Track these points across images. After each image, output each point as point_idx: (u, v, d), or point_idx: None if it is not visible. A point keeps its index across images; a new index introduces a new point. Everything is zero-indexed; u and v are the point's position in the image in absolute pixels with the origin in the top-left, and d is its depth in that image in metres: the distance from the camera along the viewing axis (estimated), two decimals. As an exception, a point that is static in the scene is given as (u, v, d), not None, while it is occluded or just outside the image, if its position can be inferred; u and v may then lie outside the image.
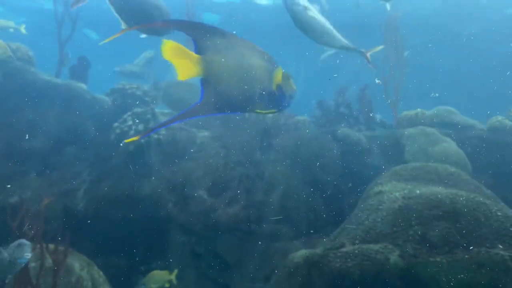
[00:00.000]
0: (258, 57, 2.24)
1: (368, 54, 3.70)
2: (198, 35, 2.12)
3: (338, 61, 11.16)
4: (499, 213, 3.13)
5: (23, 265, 3.26)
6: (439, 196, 3.41)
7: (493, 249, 2.91)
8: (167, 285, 4.79)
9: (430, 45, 13.91)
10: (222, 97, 2.17)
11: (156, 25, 2.28)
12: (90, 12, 13.22)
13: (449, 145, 5.18)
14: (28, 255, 3.21)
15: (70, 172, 5.62)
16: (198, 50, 2.12)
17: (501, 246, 2.93)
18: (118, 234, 5.36)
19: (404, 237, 3.20)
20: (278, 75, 2.27)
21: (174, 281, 4.78)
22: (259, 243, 5.27)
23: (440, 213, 3.21)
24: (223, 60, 2.13)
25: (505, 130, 5.65)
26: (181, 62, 2.07)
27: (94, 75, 7.31)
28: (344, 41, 3.54)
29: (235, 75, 2.17)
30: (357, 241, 3.49)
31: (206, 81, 2.13)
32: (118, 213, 5.45)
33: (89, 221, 5.30)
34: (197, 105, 2.16)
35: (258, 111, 2.29)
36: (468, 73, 18.25)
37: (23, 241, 3.26)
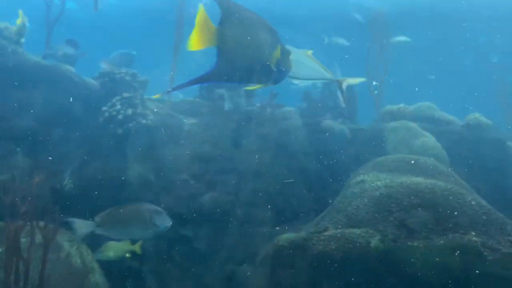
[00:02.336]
0: (266, 32, 2.47)
1: (344, 84, 3.42)
2: (224, 5, 2.37)
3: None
4: (473, 202, 3.36)
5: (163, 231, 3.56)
6: (419, 185, 3.62)
7: (466, 235, 3.12)
8: (128, 255, 4.67)
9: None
10: (232, 66, 2.39)
11: None
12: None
13: (429, 139, 5.42)
14: (169, 223, 3.62)
15: (57, 153, 5.65)
16: (221, 20, 2.35)
17: (473, 233, 3.14)
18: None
19: (384, 223, 3.39)
20: (277, 51, 2.49)
21: (138, 251, 4.61)
22: (244, 227, 5.43)
23: (419, 202, 3.41)
24: (235, 32, 2.37)
25: (481, 127, 5.93)
26: (202, 31, 2.29)
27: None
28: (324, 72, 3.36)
29: (244, 47, 2.40)
30: (340, 226, 3.67)
31: (220, 50, 2.35)
32: (105, 194, 5.52)
33: (76, 201, 5.36)
34: (211, 71, 2.37)
35: (259, 85, 2.56)
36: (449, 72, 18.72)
37: (162, 210, 3.62)
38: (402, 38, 10.37)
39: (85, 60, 7.45)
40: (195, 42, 2.28)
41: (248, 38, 2.40)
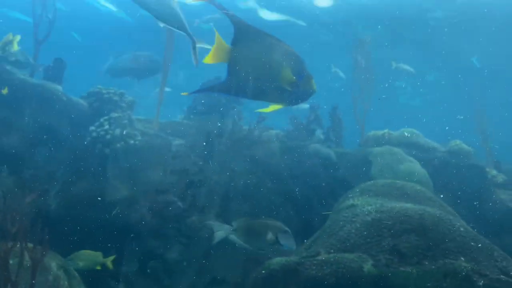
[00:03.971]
0: (280, 55, 2.71)
1: (197, 45, 3.51)
2: (238, 26, 2.66)
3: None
4: (461, 229, 3.47)
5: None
6: (409, 211, 3.72)
7: (456, 261, 3.22)
8: (98, 267, 4.68)
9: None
10: (240, 83, 2.67)
11: (210, 2, 2.69)
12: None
13: (414, 165, 5.58)
14: (293, 246, 3.71)
15: (43, 172, 5.57)
16: (234, 39, 2.68)
17: (463, 259, 3.24)
18: (90, 236, 5.36)
19: (377, 248, 3.46)
20: (286, 75, 2.69)
21: (110, 266, 4.68)
22: (232, 250, 5.42)
23: (410, 227, 3.51)
24: (246, 52, 2.66)
25: (462, 153, 6.14)
26: (218, 50, 2.64)
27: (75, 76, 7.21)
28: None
29: (253, 67, 2.68)
30: (332, 250, 3.72)
31: (230, 67, 2.67)
32: (91, 215, 5.45)
33: (61, 222, 5.27)
34: (220, 83, 2.71)
35: (275, 105, 2.81)
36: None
37: (289, 231, 3.70)
38: (407, 67, 10.79)
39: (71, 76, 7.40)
40: (209, 57, 2.63)
41: (258, 58, 2.70)
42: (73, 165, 5.73)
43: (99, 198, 5.51)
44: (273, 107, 2.82)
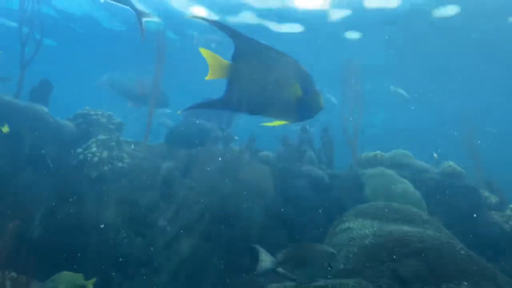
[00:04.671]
0: (286, 69, 2.63)
1: (143, 20, 3.48)
2: (238, 41, 2.59)
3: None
4: (462, 252, 3.38)
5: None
6: (408, 234, 3.62)
7: (459, 286, 3.12)
8: None
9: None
10: (239, 99, 2.61)
11: (207, 21, 2.65)
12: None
13: (407, 186, 5.52)
14: (340, 266, 3.30)
15: (27, 197, 5.37)
16: (234, 54, 2.60)
17: (466, 283, 3.15)
18: (76, 263, 5.14)
19: (377, 273, 3.35)
20: (296, 89, 2.61)
21: None
22: (224, 275, 5.25)
23: (410, 251, 3.41)
24: (248, 68, 2.59)
25: (455, 175, 6.11)
26: (213, 66, 2.58)
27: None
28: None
29: (256, 83, 2.60)
30: (329, 276, 3.59)
31: (230, 82, 2.59)
32: (76, 241, 5.24)
33: (45, 248, 5.05)
34: (218, 99, 2.60)
35: (280, 121, 2.71)
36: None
37: (334, 252, 3.27)
38: (402, 91, 10.98)
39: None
40: (209, 74, 2.58)
41: (261, 73, 2.62)
42: (59, 188, 5.55)
43: (86, 223, 5.32)
44: (277, 122, 2.73)
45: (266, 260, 3.37)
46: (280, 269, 3.40)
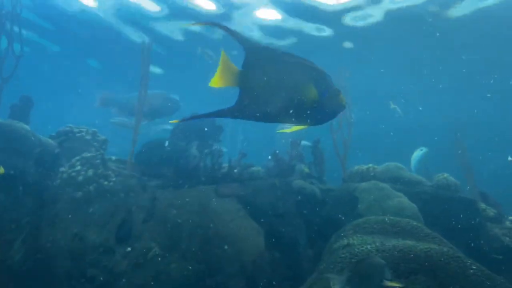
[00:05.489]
0: (299, 72, 2.49)
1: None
2: (248, 48, 2.48)
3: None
4: (473, 267, 3.23)
5: None
6: (413, 249, 3.46)
7: (472, 304, 2.96)
8: None
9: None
10: (252, 107, 2.50)
11: (216, 25, 2.51)
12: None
13: (403, 200, 5.38)
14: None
15: (6, 220, 5.06)
16: (244, 62, 2.50)
17: (478, 300, 2.99)
18: (58, 290, 4.84)
19: (384, 291, 3.16)
20: (311, 91, 2.48)
21: None
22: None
23: (417, 267, 3.24)
24: (261, 74, 2.48)
25: (450, 187, 6.01)
26: (224, 72, 2.46)
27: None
28: None
29: (270, 89, 2.48)
30: (334, 296, 3.39)
31: (241, 90, 2.50)
32: (60, 265, 4.95)
33: (26, 276, 4.75)
34: (230, 108, 2.49)
35: (298, 126, 2.61)
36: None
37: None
38: (399, 110, 11.34)
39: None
40: (216, 80, 2.45)
41: (275, 78, 2.44)
42: (40, 210, 5.25)
43: (70, 246, 5.03)
44: (296, 127, 2.58)
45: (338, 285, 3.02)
46: None
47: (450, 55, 12.85)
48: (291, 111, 2.52)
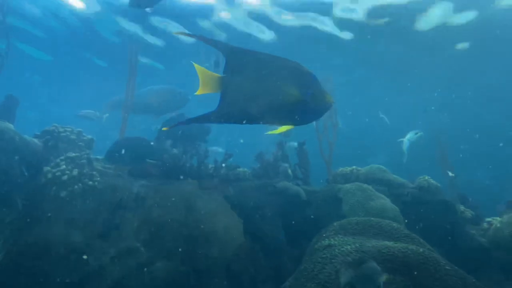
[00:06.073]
0: (281, 73, 2.56)
1: None
2: (228, 53, 2.56)
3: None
4: (447, 267, 3.33)
5: None
6: (391, 249, 3.55)
7: (446, 302, 3.06)
8: None
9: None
10: (235, 111, 2.57)
11: (194, 37, 2.59)
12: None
13: (385, 201, 5.49)
14: None
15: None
16: (225, 67, 2.58)
17: (452, 299, 3.09)
18: (42, 290, 4.84)
19: (361, 291, 3.24)
20: (290, 93, 2.55)
21: None
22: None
23: (394, 267, 3.33)
24: (242, 77, 2.55)
25: (431, 189, 6.15)
26: (204, 79, 2.54)
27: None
28: None
29: (252, 92, 2.56)
30: (314, 295, 3.48)
31: (224, 95, 2.58)
32: (44, 265, 4.95)
33: (9, 276, 4.74)
34: (211, 112, 2.57)
35: (283, 127, 2.67)
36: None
37: None
38: (387, 120, 11.83)
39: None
40: (200, 89, 2.55)
41: (256, 81, 2.59)
42: (24, 210, 5.25)
43: (54, 246, 5.04)
44: (283, 128, 2.65)
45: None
46: None
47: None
48: (274, 113, 2.58)
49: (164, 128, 2.57)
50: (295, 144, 7.51)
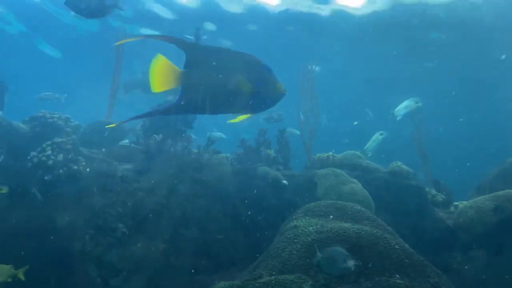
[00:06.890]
0: (235, 65, 2.75)
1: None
2: (188, 49, 2.69)
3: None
4: (396, 247, 3.60)
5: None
6: (347, 231, 3.82)
7: (392, 278, 3.33)
8: (9, 279, 4.57)
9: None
10: (197, 102, 2.71)
11: (152, 37, 2.79)
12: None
13: (356, 185, 5.75)
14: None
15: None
16: (186, 62, 2.70)
17: (397, 276, 3.36)
18: (28, 268, 5.12)
19: (316, 268, 3.52)
20: (240, 84, 2.75)
21: (22, 278, 4.58)
22: (180, 276, 5.34)
23: (348, 246, 3.60)
24: (200, 71, 2.70)
25: (402, 174, 6.41)
26: (165, 75, 2.61)
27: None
28: None
29: (209, 84, 2.71)
30: (274, 272, 3.75)
31: (184, 89, 2.70)
32: (29, 245, 5.23)
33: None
34: (173, 105, 2.71)
35: (240, 116, 2.89)
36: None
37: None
38: (371, 113, 12.44)
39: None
40: (158, 84, 2.62)
41: (212, 74, 2.74)
42: (10, 192, 5.50)
43: (39, 227, 5.31)
44: (241, 117, 2.87)
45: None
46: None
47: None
48: (230, 104, 2.80)
49: (109, 126, 2.68)
50: (297, 131, 7.71)
